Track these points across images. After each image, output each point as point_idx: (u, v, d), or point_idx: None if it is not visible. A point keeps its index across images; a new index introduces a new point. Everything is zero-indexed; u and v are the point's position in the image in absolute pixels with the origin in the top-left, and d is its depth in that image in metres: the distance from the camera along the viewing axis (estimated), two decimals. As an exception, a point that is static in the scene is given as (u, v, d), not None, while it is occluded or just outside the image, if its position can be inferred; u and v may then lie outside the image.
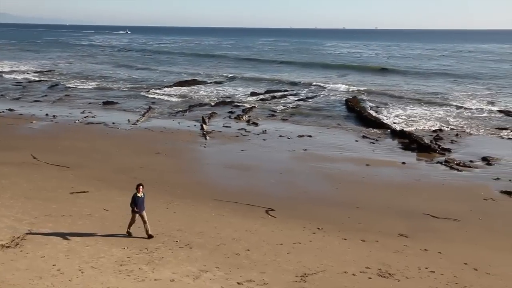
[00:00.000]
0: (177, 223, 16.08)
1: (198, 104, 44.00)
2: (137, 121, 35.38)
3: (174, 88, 54.25)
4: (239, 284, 12.02)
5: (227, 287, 11.84)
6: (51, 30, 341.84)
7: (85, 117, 36.40)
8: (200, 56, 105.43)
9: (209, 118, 36.53)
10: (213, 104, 44.20)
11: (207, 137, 30.65)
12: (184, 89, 53.44)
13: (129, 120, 35.51)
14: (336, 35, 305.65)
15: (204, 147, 28.46)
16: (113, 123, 34.44)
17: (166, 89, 53.18)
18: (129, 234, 14.71)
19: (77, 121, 34.87)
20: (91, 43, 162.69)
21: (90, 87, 55.04)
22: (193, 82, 58.69)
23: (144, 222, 14.60)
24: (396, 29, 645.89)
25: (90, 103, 43.70)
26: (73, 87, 54.27)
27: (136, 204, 14.46)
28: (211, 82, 59.84)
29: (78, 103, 43.67)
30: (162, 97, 48.09)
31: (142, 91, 51.55)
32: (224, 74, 68.34)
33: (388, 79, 63.58)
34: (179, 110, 40.65)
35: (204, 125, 33.70)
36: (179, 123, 35.31)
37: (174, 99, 46.99)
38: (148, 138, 30.32)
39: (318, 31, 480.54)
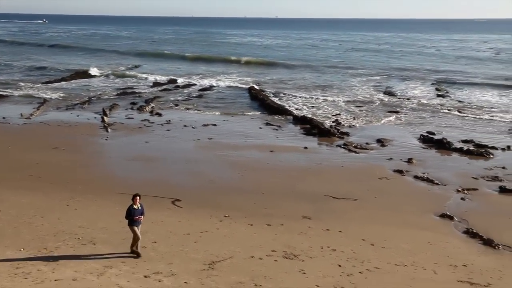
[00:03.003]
0: (78, 219, 15.44)
1: (98, 95, 42.28)
2: (31, 115, 33.21)
3: (71, 80, 51.50)
4: (146, 277, 11.83)
5: (133, 281, 11.60)
6: None
7: (-30, 113, 33.54)
8: (99, 46, 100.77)
9: (110, 109, 35.19)
10: (114, 95, 42.69)
11: (109, 129, 29.58)
12: (82, 81, 50.98)
13: (21, 114, 33.22)
14: (237, 24, 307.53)
15: (106, 139, 27.45)
16: (4, 117, 32.10)
17: (62, 82, 50.24)
18: (137, 255, 12.93)
19: (-39, 117, 32.02)
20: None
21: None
22: (92, 74, 56.14)
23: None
24: (295, 18, 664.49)
25: (-25, 97, 40.27)
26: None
27: (133, 217, 13.07)
28: (111, 73, 57.63)
29: (-39, 97, 40.04)
30: (58, 89, 45.46)
31: (36, 84, 48.39)
32: (125, 65, 66.25)
33: (288, 68, 65.37)
34: (77, 102, 38.74)
35: (105, 117, 32.45)
36: (78, 116, 33.68)
37: (71, 91, 44.65)
38: (44, 132, 28.62)
39: (220, 20, 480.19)
